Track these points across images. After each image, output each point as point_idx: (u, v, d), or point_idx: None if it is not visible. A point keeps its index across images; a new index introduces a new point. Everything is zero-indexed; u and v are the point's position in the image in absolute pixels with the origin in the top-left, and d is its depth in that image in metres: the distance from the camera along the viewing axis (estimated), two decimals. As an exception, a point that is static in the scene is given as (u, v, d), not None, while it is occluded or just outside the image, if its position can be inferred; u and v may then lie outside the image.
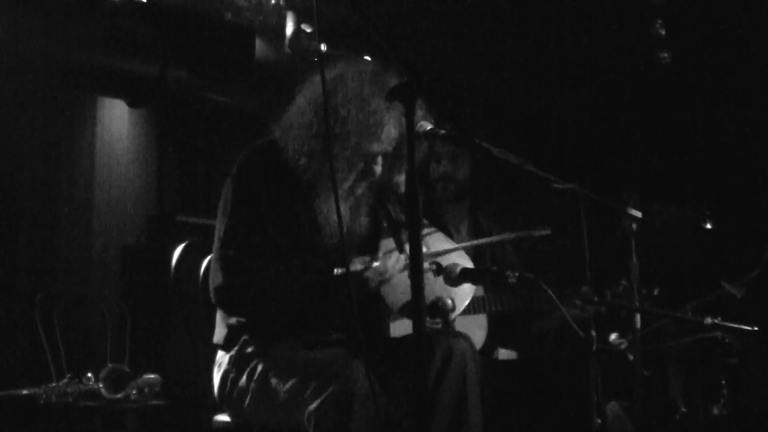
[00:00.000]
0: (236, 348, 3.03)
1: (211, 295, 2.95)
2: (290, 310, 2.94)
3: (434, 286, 3.03)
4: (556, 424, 3.79)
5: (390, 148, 2.99)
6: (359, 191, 3.03)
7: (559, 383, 3.87)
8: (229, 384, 3.00)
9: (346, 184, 2.99)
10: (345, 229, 2.91)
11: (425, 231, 3.26)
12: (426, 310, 2.94)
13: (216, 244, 2.97)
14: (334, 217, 2.90)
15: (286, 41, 5.01)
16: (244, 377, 2.97)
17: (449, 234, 3.88)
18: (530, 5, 5.41)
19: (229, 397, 3.02)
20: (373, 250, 3.14)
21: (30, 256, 4.94)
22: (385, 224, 3.12)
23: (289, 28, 5.02)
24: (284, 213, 2.99)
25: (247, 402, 2.95)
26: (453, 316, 2.98)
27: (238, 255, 2.90)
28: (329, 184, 2.90)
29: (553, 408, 3.80)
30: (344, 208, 2.98)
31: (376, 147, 2.95)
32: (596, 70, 5.83)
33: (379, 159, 2.99)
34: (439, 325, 3.00)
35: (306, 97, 3.04)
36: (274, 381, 2.88)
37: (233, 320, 3.04)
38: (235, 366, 3.00)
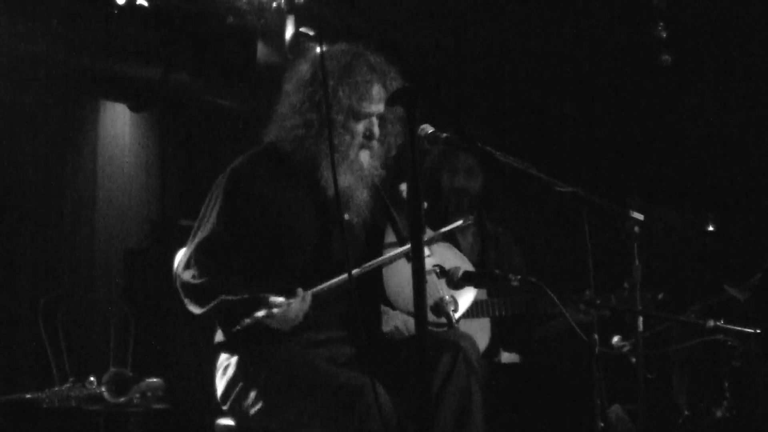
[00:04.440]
0: (242, 351, 3.03)
1: (177, 286, 3.04)
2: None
3: (438, 287, 3.03)
4: (559, 427, 3.78)
5: (383, 109, 3.08)
6: (363, 159, 3.08)
7: (562, 386, 3.87)
8: (236, 391, 2.99)
9: (352, 153, 3.05)
10: (351, 200, 3.04)
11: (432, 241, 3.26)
12: (430, 310, 2.95)
13: (190, 242, 3.06)
14: (342, 186, 2.99)
15: (286, 45, 5.00)
16: (254, 386, 2.95)
17: (455, 240, 3.89)
18: (532, 8, 5.41)
19: (235, 404, 3.00)
20: (377, 239, 3.15)
21: (33, 259, 4.93)
22: (393, 238, 3.13)
23: (289, 32, 5.02)
24: (279, 208, 3.04)
25: (255, 411, 2.94)
26: (457, 316, 2.98)
27: (208, 262, 2.98)
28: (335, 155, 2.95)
29: (556, 411, 3.80)
30: (351, 178, 3.05)
31: (368, 107, 3.04)
32: (598, 72, 5.83)
33: (375, 120, 3.07)
34: (445, 326, 3.00)
35: (291, 84, 3.13)
36: (287, 395, 2.88)
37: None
38: (244, 373, 2.99)
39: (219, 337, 3.12)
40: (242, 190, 3.04)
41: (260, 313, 2.80)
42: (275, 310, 2.80)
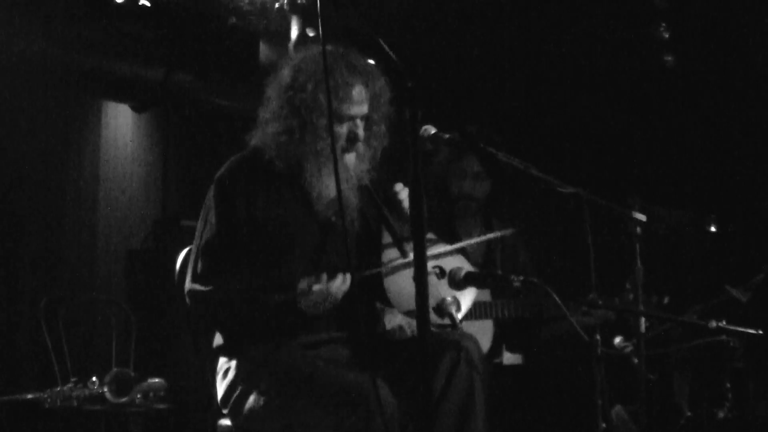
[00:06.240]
0: (241, 354, 3.03)
1: (186, 299, 3.04)
2: (258, 323, 2.97)
3: (439, 288, 3.03)
4: (561, 427, 3.79)
5: (367, 110, 3.05)
6: (348, 162, 3.06)
7: (564, 387, 3.87)
8: (236, 395, 2.98)
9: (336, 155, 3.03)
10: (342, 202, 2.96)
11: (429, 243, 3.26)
12: (432, 311, 2.95)
13: (194, 254, 3.05)
14: (326, 190, 3.00)
15: (291, 45, 5.02)
16: (254, 390, 2.94)
17: (460, 241, 3.88)
18: (533, 8, 5.41)
19: (235, 408, 3.00)
20: (372, 240, 3.15)
21: (34, 259, 4.94)
22: (389, 238, 3.12)
23: (294, 32, 5.03)
24: (269, 213, 3.03)
25: (256, 414, 2.93)
26: (459, 316, 2.99)
27: (214, 268, 2.98)
28: (318, 160, 2.99)
29: (558, 412, 3.80)
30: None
31: (349, 108, 3.01)
32: (600, 73, 5.83)
33: (359, 122, 3.05)
34: (448, 327, 3.00)
35: (273, 88, 3.13)
36: (287, 398, 2.87)
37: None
38: (244, 377, 2.98)
39: (218, 340, 3.12)
40: (230, 198, 3.03)
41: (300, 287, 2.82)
42: (315, 287, 2.83)
